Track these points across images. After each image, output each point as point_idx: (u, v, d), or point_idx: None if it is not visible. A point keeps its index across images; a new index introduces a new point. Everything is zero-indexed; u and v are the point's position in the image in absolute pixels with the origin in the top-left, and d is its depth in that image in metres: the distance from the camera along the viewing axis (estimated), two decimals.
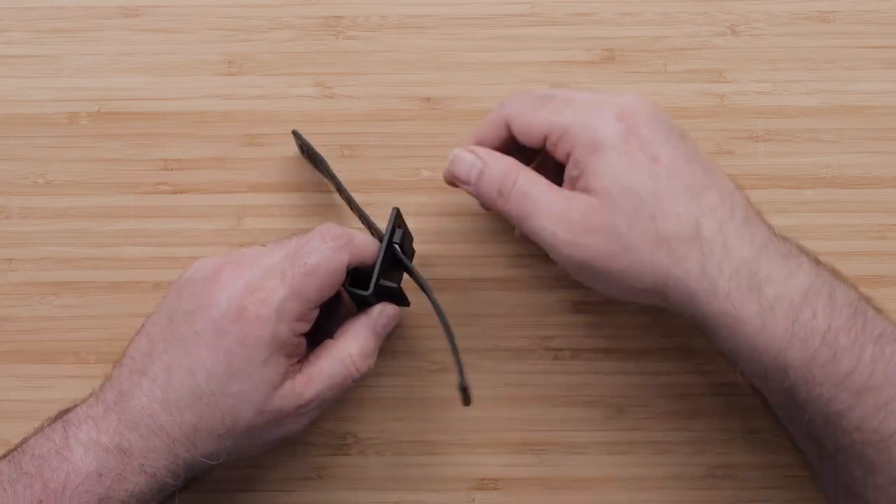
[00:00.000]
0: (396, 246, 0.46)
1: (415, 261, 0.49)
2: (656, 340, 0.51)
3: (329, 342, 0.46)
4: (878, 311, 0.42)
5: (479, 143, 0.46)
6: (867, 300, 0.42)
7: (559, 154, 0.44)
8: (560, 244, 0.42)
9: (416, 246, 0.50)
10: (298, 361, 0.45)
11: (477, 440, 0.51)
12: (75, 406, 0.44)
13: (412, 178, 0.52)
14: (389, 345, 0.51)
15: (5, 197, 0.52)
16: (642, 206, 0.41)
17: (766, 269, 0.40)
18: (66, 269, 0.52)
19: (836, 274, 0.42)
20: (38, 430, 0.43)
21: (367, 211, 0.49)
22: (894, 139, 0.51)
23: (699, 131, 0.52)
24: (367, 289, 0.45)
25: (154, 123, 0.52)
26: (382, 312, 0.47)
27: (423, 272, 0.48)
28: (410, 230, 0.48)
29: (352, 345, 0.45)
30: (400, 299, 0.48)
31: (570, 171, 0.43)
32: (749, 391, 0.51)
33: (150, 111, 0.52)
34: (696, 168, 0.42)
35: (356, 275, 0.46)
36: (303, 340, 0.44)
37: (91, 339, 0.51)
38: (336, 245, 0.44)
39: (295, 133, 0.50)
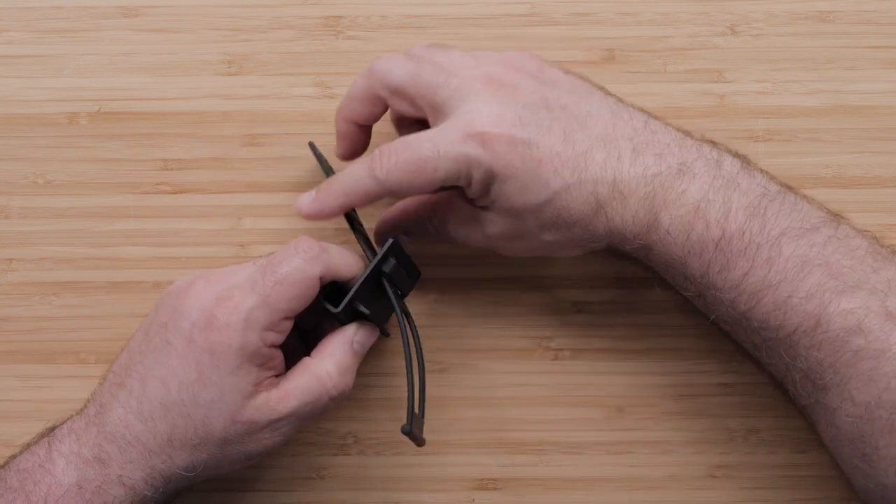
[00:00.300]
0: (385, 276, 0.46)
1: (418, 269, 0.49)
2: (656, 340, 0.51)
3: (306, 359, 0.46)
4: (800, 202, 0.43)
5: (352, 120, 0.48)
6: (777, 193, 0.43)
7: (461, 184, 0.45)
8: (498, 251, 0.47)
9: (416, 246, 0.50)
10: (276, 376, 0.44)
11: (477, 440, 0.51)
12: (62, 422, 0.44)
13: None
14: (389, 345, 0.51)
15: (5, 197, 0.52)
16: (545, 211, 0.43)
17: (661, 197, 0.43)
18: (66, 269, 0.52)
19: (744, 167, 0.44)
20: (25, 447, 0.44)
21: (368, 211, 0.49)
22: (894, 139, 0.51)
23: (699, 131, 0.51)
24: (338, 306, 0.45)
25: (154, 123, 0.52)
26: (359, 330, 0.46)
27: (424, 272, 0.48)
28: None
29: (328, 362, 0.45)
30: (379, 327, 0.47)
31: (473, 197, 0.45)
32: (749, 391, 0.51)
33: (150, 111, 0.52)
34: (574, 136, 0.43)
35: (338, 291, 0.46)
36: (277, 353, 0.44)
37: (91, 339, 0.51)
38: (308, 256, 0.44)
39: (311, 145, 0.50)
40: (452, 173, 0.43)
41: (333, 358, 0.45)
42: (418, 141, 0.44)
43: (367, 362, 0.51)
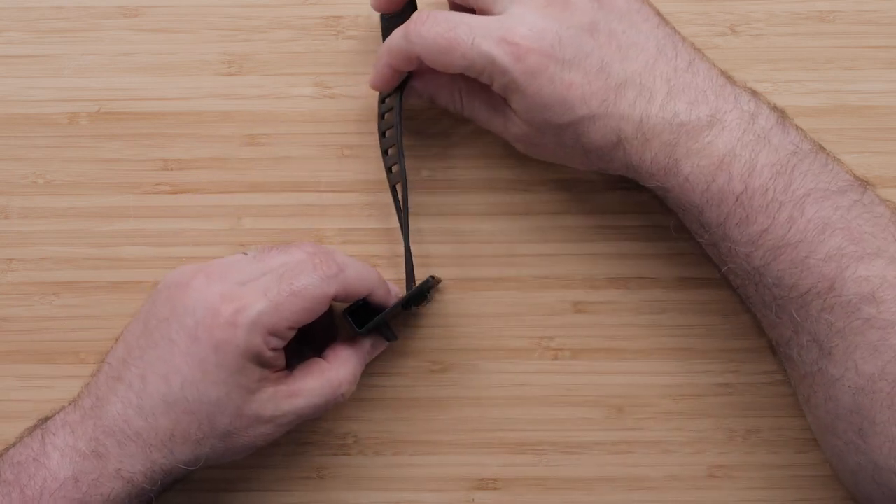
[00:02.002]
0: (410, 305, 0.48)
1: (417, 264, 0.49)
2: (656, 340, 0.51)
3: (320, 362, 0.46)
4: (830, 162, 0.43)
5: (395, 68, 0.47)
6: (809, 152, 0.43)
7: (482, 81, 0.45)
8: (517, 147, 0.48)
9: (416, 246, 0.50)
10: (276, 371, 0.45)
11: (477, 440, 0.51)
12: (54, 414, 0.44)
13: (412, 179, 0.52)
14: (389, 345, 0.51)
15: (5, 197, 0.52)
16: (564, 132, 0.44)
17: (684, 146, 0.42)
18: (66, 269, 0.52)
19: (779, 122, 0.44)
20: (18, 440, 0.44)
21: (368, 211, 0.49)
22: (894, 139, 0.51)
23: None
24: (360, 325, 0.47)
25: (154, 123, 0.52)
26: (375, 345, 0.49)
27: (425, 272, 0.48)
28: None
29: (342, 372, 0.46)
30: (389, 335, 0.49)
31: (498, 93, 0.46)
32: (749, 391, 0.51)
33: (150, 111, 0.52)
34: (613, 66, 0.43)
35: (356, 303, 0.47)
36: (280, 354, 0.45)
37: (91, 339, 0.51)
38: (326, 275, 0.44)
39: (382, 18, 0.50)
40: (476, 67, 0.44)
41: (348, 368, 0.47)
42: (460, 23, 0.44)
43: (368, 362, 0.51)
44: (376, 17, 0.52)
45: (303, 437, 0.51)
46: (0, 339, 0.52)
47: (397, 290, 0.49)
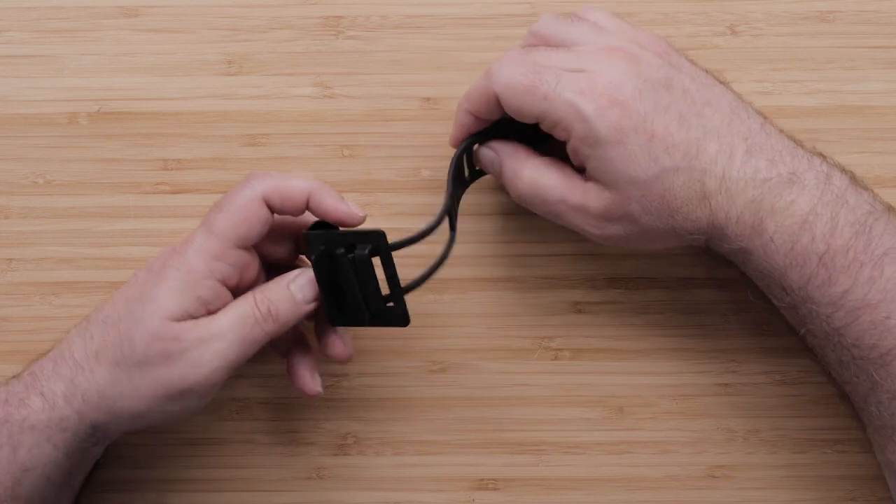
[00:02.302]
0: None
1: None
2: (656, 340, 0.51)
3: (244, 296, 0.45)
4: None
5: (474, 113, 0.46)
6: (883, 212, 0.43)
7: (555, 135, 0.44)
8: (590, 235, 0.46)
9: (416, 246, 0.50)
10: (212, 311, 0.44)
11: (477, 440, 0.51)
12: None
13: (412, 178, 0.52)
14: (389, 345, 0.51)
15: (5, 197, 0.52)
16: (650, 190, 0.43)
17: (768, 203, 0.42)
18: (66, 269, 0.52)
19: (852, 183, 0.44)
20: None
21: (368, 211, 0.49)
22: (894, 139, 0.51)
23: None
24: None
25: (154, 123, 0.52)
26: (300, 276, 0.45)
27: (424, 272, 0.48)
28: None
29: (258, 289, 0.44)
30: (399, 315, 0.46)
31: (572, 156, 0.45)
32: (749, 391, 0.51)
33: (150, 111, 0.52)
34: (691, 120, 0.43)
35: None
36: (226, 294, 0.44)
37: None
38: (247, 180, 0.44)
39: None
40: (556, 115, 0.43)
41: (268, 285, 0.45)
42: (545, 66, 0.44)
43: (367, 362, 0.51)
44: (377, 17, 0.52)
45: (303, 438, 0.51)
46: (0, 339, 0.52)
47: (337, 198, 0.45)
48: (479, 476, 0.51)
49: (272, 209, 0.44)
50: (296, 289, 0.44)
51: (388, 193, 0.52)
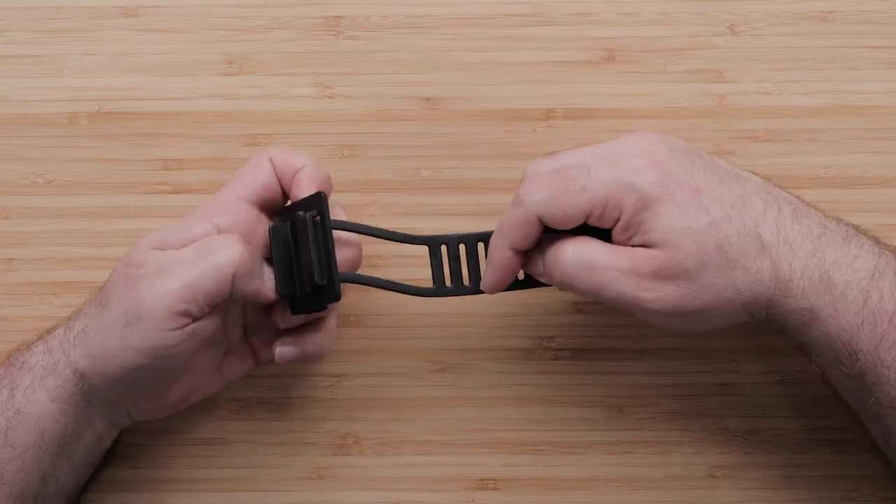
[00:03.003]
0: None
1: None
2: (656, 340, 0.51)
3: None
4: None
5: (514, 247, 0.43)
6: None
7: (604, 223, 0.42)
8: (643, 302, 0.42)
9: (416, 246, 0.50)
10: None
11: (477, 440, 0.51)
12: None
13: (412, 178, 0.52)
14: (389, 345, 0.51)
15: (5, 197, 0.52)
16: (705, 240, 0.41)
17: (831, 257, 0.41)
18: (66, 269, 0.52)
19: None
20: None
21: (368, 211, 0.49)
22: (894, 139, 0.51)
23: (699, 131, 0.52)
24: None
25: (154, 123, 0.52)
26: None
27: (425, 272, 0.48)
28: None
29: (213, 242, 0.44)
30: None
31: (619, 235, 0.42)
32: (749, 391, 0.51)
33: (150, 111, 0.52)
34: (730, 182, 0.42)
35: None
36: (213, 234, 0.45)
37: None
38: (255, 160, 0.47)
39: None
40: (599, 198, 0.41)
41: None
42: (571, 166, 0.42)
43: (368, 362, 0.51)
44: (377, 17, 0.52)
45: (303, 437, 0.51)
46: (0, 339, 0.52)
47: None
48: (479, 476, 0.51)
49: (274, 168, 0.46)
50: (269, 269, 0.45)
51: (388, 193, 0.52)
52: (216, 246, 0.43)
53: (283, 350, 0.46)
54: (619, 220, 0.42)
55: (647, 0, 0.52)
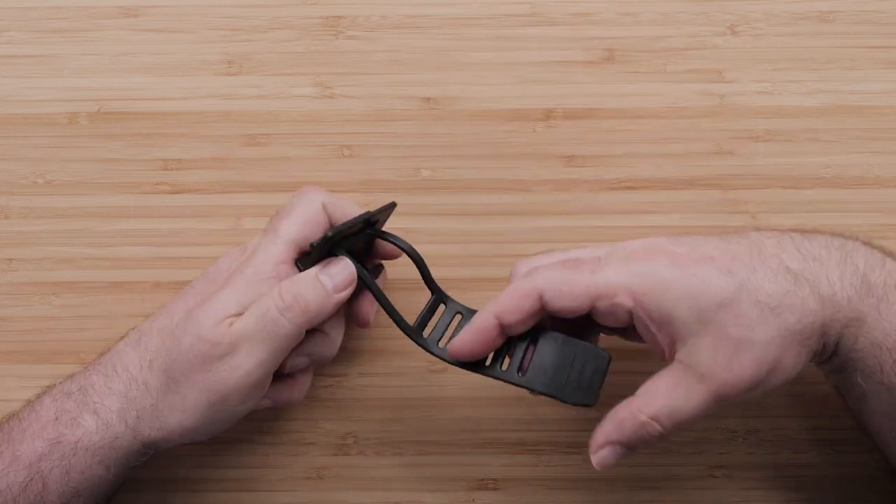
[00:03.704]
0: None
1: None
2: None
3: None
4: None
5: (502, 314, 0.42)
6: None
7: (616, 317, 0.41)
8: (724, 394, 0.40)
9: (418, 247, 0.50)
10: None
11: (477, 440, 0.51)
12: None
13: (412, 178, 0.52)
14: (389, 345, 0.51)
15: (5, 197, 0.52)
16: (740, 303, 0.39)
17: (861, 261, 0.40)
18: (66, 269, 0.52)
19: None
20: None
21: (368, 209, 0.49)
22: (894, 139, 0.51)
23: (699, 131, 0.52)
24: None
25: (154, 123, 0.52)
26: (330, 262, 0.44)
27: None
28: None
29: (284, 281, 0.43)
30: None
31: (646, 330, 0.41)
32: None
33: (150, 111, 0.52)
34: (735, 239, 0.42)
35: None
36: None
37: (91, 339, 0.51)
38: (304, 192, 0.46)
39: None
40: (610, 285, 0.40)
41: (296, 279, 0.43)
42: (580, 258, 0.42)
43: (368, 362, 0.51)
44: (377, 17, 0.52)
45: (303, 438, 0.51)
46: (0, 339, 0.52)
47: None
48: (479, 476, 0.51)
49: (329, 217, 0.45)
50: (325, 279, 0.44)
51: (388, 193, 0.52)
52: (277, 313, 0.42)
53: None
54: (633, 309, 0.40)
55: (647, 0, 0.52)
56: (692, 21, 0.52)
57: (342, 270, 0.44)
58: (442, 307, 0.47)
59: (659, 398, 0.41)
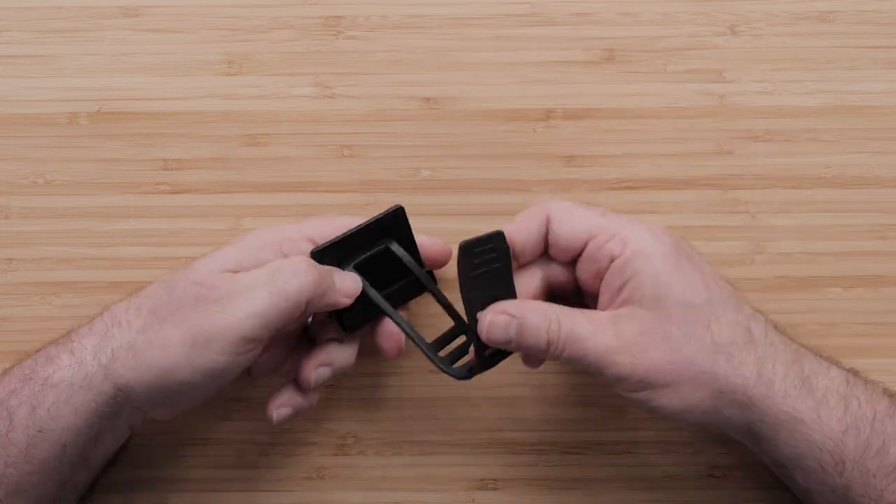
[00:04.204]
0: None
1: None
2: None
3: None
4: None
5: (516, 232, 0.44)
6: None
7: (599, 259, 0.42)
8: (619, 367, 0.41)
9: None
10: None
11: (477, 440, 0.51)
12: None
13: (412, 178, 0.52)
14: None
15: (5, 197, 0.52)
16: (697, 315, 0.41)
17: (808, 366, 0.41)
18: (66, 269, 0.52)
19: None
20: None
21: (369, 211, 0.49)
22: (894, 139, 0.51)
23: (699, 131, 0.52)
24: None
25: (154, 123, 0.52)
26: (349, 273, 0.46)
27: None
28: (411, 234, 0.47)
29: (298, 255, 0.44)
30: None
31: (612, 280, 0.42)
32: None
33: (150, 111, 0.52)
34: (724, 284, 0.43)
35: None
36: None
37: None
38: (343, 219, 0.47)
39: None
40: (613, 227, 0.42)
41: (300, 255, 0.44)
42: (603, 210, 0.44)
43: (368, 362, 0.51)
44: (377, 17, 0.52)
45: (303, 437, 0.51)
46: (0, 339, 0.52)
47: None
48: (479, 476, 0.51)
49: None
50: (339, 278, 0.44)
51: (388, 193, 0.52)
52: (289, 271, 0.42)
53: (279, 412, 0.46)
54: (617, 257, 0.42)
55: (647, 0, 0.52)
56: (692, 21, 0.52)
57: (347, 277, 0.45)
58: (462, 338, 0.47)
59: (577, 318, 0.41)
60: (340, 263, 0.45)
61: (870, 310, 0.51)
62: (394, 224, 0.46)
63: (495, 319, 0.42)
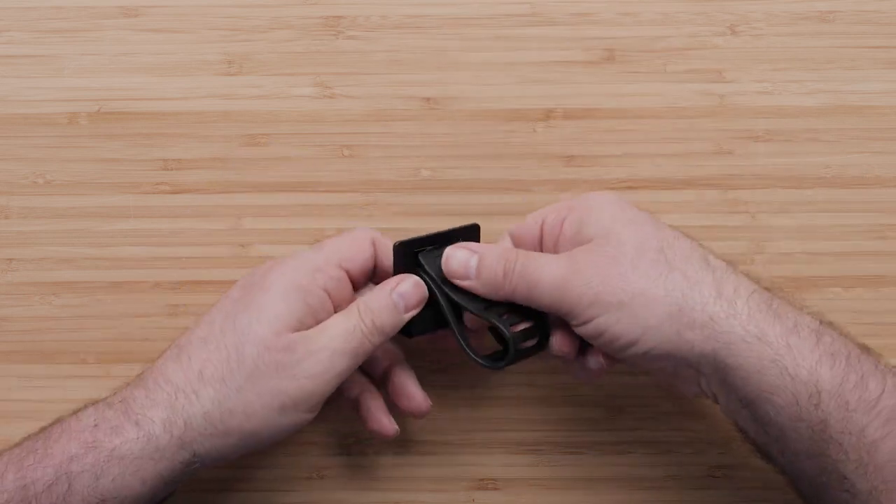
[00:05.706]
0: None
1: None
2: None
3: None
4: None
5: (517, 236, 0.46)
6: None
7: (554, 227, 0.45)
8: (571, 291, 0.41)
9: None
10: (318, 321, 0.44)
11: (477, 440, 0.51)
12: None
13: (412, 178, 0.52)
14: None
15: (5, 197, 0.52)
16: (649, 241, 0.41)
17: (776, 302, 0.40)
18: (66, 269, 0.52)
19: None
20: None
21: (368, 211, 0.49)
22: (894, 139, 0.51)
23: (699, 131, 0.52)
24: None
25: (154, 123, 0.52)
26: (402, 281, 0.45)
27: None
28: (416, 239, 0.47)
29: (360, 300, 0.44)
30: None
31: (567, 236, 0.44)
32: None
33: (150, 111, 0.52)
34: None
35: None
36: (329, 303, 0.44)
37: (91, 339, 0.51)
38: (361, 229, 0.47)
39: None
40: (567, 205, 0.45)
41: (370, 296, 0.44)
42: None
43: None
44: (377, 17, 0.52)
45: (303, 437, 0.51)
46: (0, 339, 0.52)
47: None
48: (479, 476, 0.51)
49: (376, 253, 0.46)
50: (397, 297, 0.44)
51: (388, 193, 0.52)
52: (365, 333, 0.43)
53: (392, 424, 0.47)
54: (571, 216, 0.44)
55: (647, 0, 0.52)
56: (692, 21, 0.52)
57: (414, 289, 0.45)
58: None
59: (533, 254, 0.43)
60: (414, 257, 0.46)
61: (870, 310, 0.51)
62: (464, 237, 0.47)
63: (456, 253, 0.44)
